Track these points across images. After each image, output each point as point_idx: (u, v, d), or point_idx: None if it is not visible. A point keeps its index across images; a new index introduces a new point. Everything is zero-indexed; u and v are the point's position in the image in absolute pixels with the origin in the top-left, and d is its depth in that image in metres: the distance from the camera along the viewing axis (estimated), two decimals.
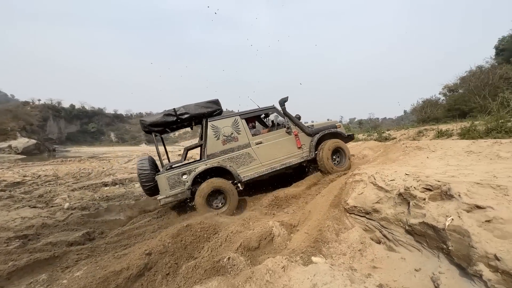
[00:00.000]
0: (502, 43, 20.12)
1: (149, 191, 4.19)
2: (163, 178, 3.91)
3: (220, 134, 4.28)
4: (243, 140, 4.40)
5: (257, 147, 4.45)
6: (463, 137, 6.29)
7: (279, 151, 4.58)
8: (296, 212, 3.52)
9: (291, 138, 4.70)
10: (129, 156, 21.53)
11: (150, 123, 4.09)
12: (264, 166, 4.44)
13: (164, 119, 4.10)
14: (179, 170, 4.02)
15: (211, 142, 4.22)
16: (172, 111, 4.14)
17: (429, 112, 18.81)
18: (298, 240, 2.89)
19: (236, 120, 4.45)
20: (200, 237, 2.80)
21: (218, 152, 4.23)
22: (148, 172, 4.12)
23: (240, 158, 4.31)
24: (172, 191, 3.92)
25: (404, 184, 2.58)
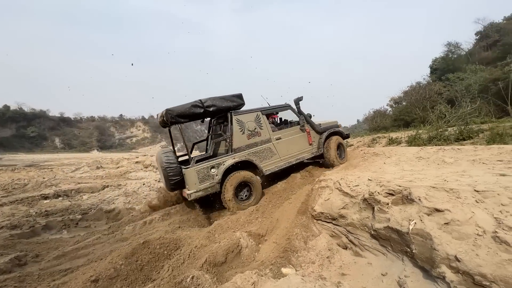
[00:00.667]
0: (435, 63, 23.28)
1: (174, 185, 3.94)
2: (193, 171, 3.81)
3: (245, 128, 4.37)
4: (265, 135, 4.57)
5: (277, 142, 4.66)
6: (410, 144, 6.96)
7: (295, 147, 4.88)
8: (264, 220, 3.40)
9: (304, 135, 5.07)
10: (77, 164, 19.19)
11: (178, 113, 3.89)
12: (282, 161, 4.66)
13: (192, 110, 3.99)
14: (207, 163, 3.97)
15: (237, 136, 4.26)
16: (199, 102, 4.05)
17: (379, 122, 20.69)
18: (267, 251, 2.78)
19: (258, 116, 4.59)
20: (160, 254, 2.50)
21: (244, 146, 4.31)
22: (175, 165, 3.91)
23: (263, 153, 4.46)
24: (202, 184, 3.86)
25: (369, 190, 2.66)
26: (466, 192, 2.06)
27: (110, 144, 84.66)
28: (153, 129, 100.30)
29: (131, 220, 4.21)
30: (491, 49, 21.08)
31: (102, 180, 10.20)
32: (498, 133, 5.36)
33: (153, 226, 3.73)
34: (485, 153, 3.45)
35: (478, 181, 2.35)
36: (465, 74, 16.83)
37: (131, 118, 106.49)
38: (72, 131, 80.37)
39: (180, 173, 3.88)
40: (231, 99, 4.31)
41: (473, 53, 22.03)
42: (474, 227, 1.73)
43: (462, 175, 2.73)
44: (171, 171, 3.86)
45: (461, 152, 3.72)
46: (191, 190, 3.78)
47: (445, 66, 21.49)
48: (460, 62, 20.72)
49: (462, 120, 7.97)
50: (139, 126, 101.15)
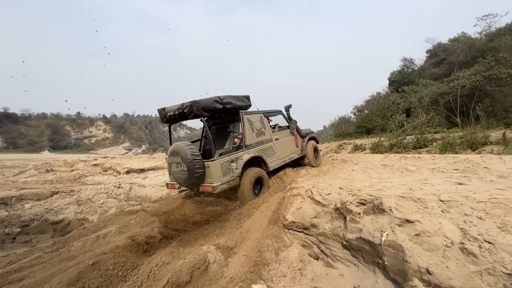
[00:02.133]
0: (393, 76, 25.35)
1: (198, 179, 3.77)
2: (218, 164, 3.84)
3: (254, 127, 4.62)
4: (267, 135, 4.90)
5: (276, 142, 5.04)
6: (374, 151, 7.33)
7: (287, 147, 5.36)
8: (233, 231, 3.21)
9: (293, 138, 5.63)
10: (21, 167, 16.89)
11: (203, 106, 3.87)
12: (280, 159, 5.02)
13: (214, 105, 4.00)
14: (229, 157, 4.03)
15: (249, 134, 4.47)
16: (219, 99, 4.10)
17: (343, 128, 21.79)
18: (236, 265, 2.59)
19: (262, 117, 4.91)
20: (113, 277, 2.17)
21: (254, 143, 4.53)
22: (200, 158, 3.79)
23: (267, 150, 4.75)
24: (225, 177, 3.89)
25: (340, 198, 2.64)
26: (432, 202, 2.12)
27: (65, 144, 76.82)
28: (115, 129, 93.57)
29: (82, 234, 3.69)
30: (438, 66, 23.58)
31: (52, 185, 9.07)
32: (449, 142, 5.88)
33: (107, 241, 3.29)
34: (442, 162, 3.69)
35: (441, 190, 2.45)
36: (418, 87, 18.55)
37: (90, 117, 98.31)
38: (18, 128, 71.40)
39: (203, 167, 3.83)
40: (242, 99, 4.55)
41: (424, 68, 24.42)
42: (442, 238, 1.75)
43: (425, 184, 2.85)
44: (197, 164, 3.74)
45: (421, 160, 3.95)
46: (216, 182, 3.77)
47: (401, 79, 23.47)
48: (413, 76, 22.80)
49: (418, 130, 8.68)
50: (99, 126, 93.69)
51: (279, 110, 5.67)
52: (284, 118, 5.70)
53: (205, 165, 3.80)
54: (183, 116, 4.03)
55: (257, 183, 4.41)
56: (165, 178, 10.05)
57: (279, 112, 5.67)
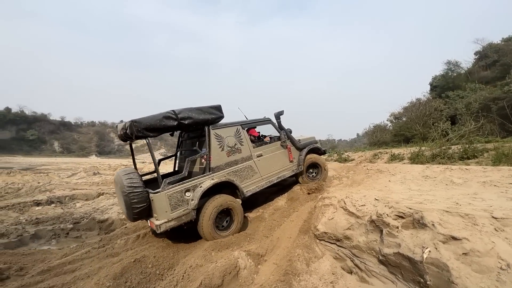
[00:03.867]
0: (435, 81, 23.52)
1: (138, 215, 3.23)
2: (163, 197, 3.17)
3: (224, 144, 3.90)
4: (245, 152, 4.13)
5: (258, 160, 4.26)
6: (413, 161, 6.83)
7: (276, 164, 4.54)
8: (263, 239, 3.22)
9: (285, 151, 4.76)
10: (73, 169, 18.95)
11: (146, 126, 3.25)
12: (264, 180, 4.26)
13: (163, 122, 3.39)
14: (181, 186, 3.37)
15: (215, 153, 3.76)
16: (173, 113, 3.48)
17: (379, 136, 20.66)
18: (266, 273, 2.60)
19: (238, 130, 4.16)
20: (151, 275, 2.33)
21: (223, 165, 3.82)
22: (141, 189, 3.21)
23: (243, 171, 4.01)
24: (175, 212, 3.22)
25: (376, 211, 2.52)
26: (483, 218, 1.92)
27: (109, 150, 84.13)
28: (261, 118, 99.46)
29: (124, 233, 4.01)
30: (490, 68, 21.34)
31: (98, 187, 9.99)
32: (504, 153, 5.25)
33: (146, 241, 3.54)
34: (495, 174, 3.32)
35: (494, 206, 2.21)
36: (465, 92, 16.95)
37: None
38: (71, 135, 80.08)
39: (146, 199, 3.21)
40: (209, 111, 3.80)
41: (473, 72, 22.28)
42: (496, 259, 1.58)
43: (474, 198, 2.60)
44: (136, 197, 3.14)
45: (469, 173, 3.59)
46: (160, 219, 3.10)
47: (444, 84, 21.69)
48: (459, 80, 20.92)
49: (465, 139, 7.89)
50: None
51: (267, 118, 4.78)
52: (274, 127, 4.78)
53: (150, 197, 3.21)
54: (128, 137, 3.43)
55: (225, 214, 3.67)
56: None
57: (267, 120, 4.76)
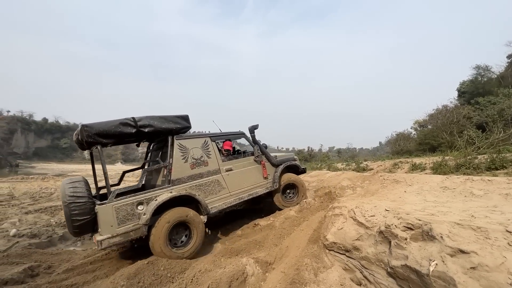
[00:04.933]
0: (463, 86, 22.28)
1: (79, 228, 2.95)
2: (110, 209, 2.89)
3: (188, 156, 3.68)
4: (213, 165, 3.89)
5: (227, 174, 4.01)
6: (436, 171, 6.51)
7: (248, 180, 4.27)
8: (272, 247, 3.25)
9: (259, 167, 4.49)
10: (101, 176, 20.14)
11: (98, 131, 3.03)
12: (232, 196, 3.99)
13: (119, 129, 3.18)
14: (133, 198, 3.10)
15: (178, 165, 3.54)
16: (131, 120, 3.30)
17: (402, 145, 19.82)
18: (273, 281, 2.62)
19: (206, 142, 3.95)
20: (163, 277, 2.46)
21: (186, 177, 3.57)
22: (85, 200, 2.92)
23: (209, 186, 3.75)
24: (122, 227, 2.93)
25: (385, 222, 2.48)
26: (497, 232, 1.84)
27: (133, 157, 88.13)
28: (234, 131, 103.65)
29: None
30: None
31: None
32: None
33: None
34: None
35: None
36: (497, 98, 15.88)
37: None
38: None
39: (91, 211, 2.93)
40: (174, 120, 3.62)
41: (506, 76, 20.84)
42: (506, 275, 1.51)
43: (492, 211, 2.46)
44: (77, 208, 2.86)
45: (492, 184, 3.39)
46: (104, 234, 2.82)
47: (474, 90, 20.50)
48: (490, 85, 19.67)
49: (493, 148, 7.38)
50: None
51: (240, 132, 4.63)
52: (248, 141, 4.61)
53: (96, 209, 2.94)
54: (82, 144, 3.24)
55: (182, 230, 3.38)
56: None
57: (241, 134, 4.62)
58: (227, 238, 3.90)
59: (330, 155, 34.89)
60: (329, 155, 33.39)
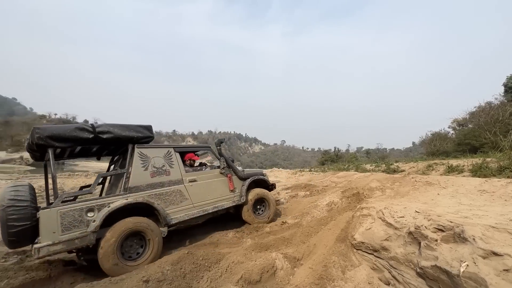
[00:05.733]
0: (510, 81, 20.22)
1: (16, 237, 2.60)
2: (54, 213, 2.70)
3: (149, 164, 3.61)
4: (175, 175, 3.83)
5: (190, 185, 3.93)
6: (475, 174, 6.11)
7: (213, 192, 4.21)
8: (300, 244, 3.38)
9: (225, 180, 4.47)
10: None
11: (50, 134, 2.90)
12: (196, 208, 3.89)
13: (74, 133, 3.05)
14: (83, 204, 2.94)
15: (137, 172, 3.45)
16: (89, 126, 3.22)
17: (438, 145, 18.56)
18: (301, 276, 2.75)
19: (170, 152, 3.91)
20: (201, 266, 2.71)
21: (144, 186, 3.47)
22: (26, 204, 2.68)
23: (170, 196, 3.64)
24: (66, 234, 2.72)
25: (415, 223, 2.49)
26: None
27: None
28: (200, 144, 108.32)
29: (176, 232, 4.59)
30: None
31: None
32: None
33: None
34: None
35: None
36: None
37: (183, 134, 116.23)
38: None
39: (32, 217, 2.65)
40: (136, 129, 3.58)
41: None
42: None
43: None
44: (16, 213, 2.57)
45: None
46: (43, 241, 2.60)
47: None
48: None
49: None
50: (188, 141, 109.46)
51: (206, 146, 4.80)
52: (214, 155, 4.63)
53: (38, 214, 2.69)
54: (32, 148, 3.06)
55: (137, 240, 3.16)
56: None
57: (206, 148, 4.75)
58: (257, 234, 4.10)
59: (358, 156, 33.70)
60: (357, 155, 32.27)
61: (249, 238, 3.89)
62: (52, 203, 2.82)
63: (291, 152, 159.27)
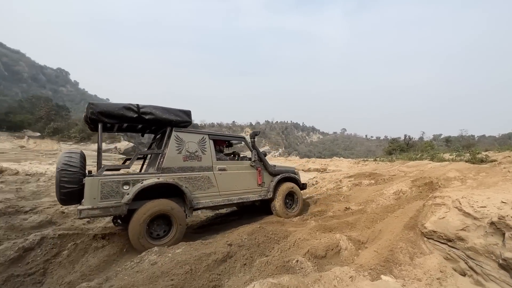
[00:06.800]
0: None
1: (66, 196, 3.13)
2: (96, 181, 3.02)
3: (183, 148, 3.76)
4: (206, 161, 3.93)
5: (219, 173, 4.01)
6: None
7: (240, 184, 4.26)
8: (365, 229, 3.46)
9: (254, 173, 4.48)
10: None
11: (101, 110, 3.24)
12: (221, 196, 3.98)
13: (121, 112, 3.37)
14: (121, 176, 3.23)
15: (171, 155, 3.62)
16: (135, 106, 3.48)
17: None
18: (366, 257, 2.88)
19: (204, 139, 4.01)
20: (271, 239, 3.12)
21: (176, 168, 3.62)
22: (76, 170, 3.16)
23: (198, 181, 3.76)
24: (103, 202, 3.03)
25: (499, 213, 2.32)
26: None
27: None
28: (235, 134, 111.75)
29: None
30: None
31: None
32: None
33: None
34: None
35: None
36: None
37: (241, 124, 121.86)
38: None
39: (79, 182, 3.11)
40: (176, 113, 3.74)
41: None
42: None
43: None
44: (67, 176, 3.08)
45: None
46: (85, 205, 2.94)
47: None
48: None
49: None
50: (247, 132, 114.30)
51: (241, 136, 4.73)
52: (248, 146, 4.58)
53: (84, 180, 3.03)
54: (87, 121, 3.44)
55: (165, 222, 3.39)
56: None
57: (241, 138, 4.69)
58: (320, 218, 4.32)
59: (435, 144, 29.38)
60: (434, 144, 28.18)
61: (313, 220, 4.15)
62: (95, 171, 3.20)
63: (352, 141, 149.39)
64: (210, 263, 2.45)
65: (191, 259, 2.44)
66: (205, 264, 2.41)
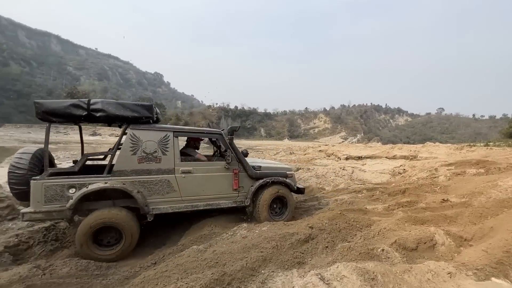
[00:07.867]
0: None
1: (18, 196, 3.22)
2: (39, 185, 2.92)
3: (139, 148, 3.36)
4: (167, 163, 3.49)
5: (182, 176, 3.54)
6: None
7: (209, 188, 3.73)
8: (469, 225, 3.00)
9: (229, 175, 3.85)
10: (276, 150, 24.93)
11: (47, 109, 3.08)
12: (184, 202, 3.56)
13: (68, 110, 3.13)
14: (66, 180, 3.03)
15: (123, 155, 3.30)
16: (84, 103, 3.20)
17: None
18: (471, 256, 2.52)
19: (167, 137, 3.52)
20: (353, 226, 3.09)
21: (129, 171, 3.29)
22: (23, 172, 3.09)
23: (156, 185, 3.40)
24: (47, 206, 2.94)
25: None
26: None
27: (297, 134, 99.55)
28: (333, 120, 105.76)
29: (324, 197, 5.21)
30: None
31: (295, 164, 12.60)
32: None
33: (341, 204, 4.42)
34: None
35: None
36: None
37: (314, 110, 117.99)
38: (271, 123, 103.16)
39: (27, 183, 2.99)
40: (134, 108, 3.33)
41: None
42: None
43: None
44: (13, 177, 3.07)
45: None
46: (29, 208, 2.91)
47: None
48: None
49: None
50: (320, 118, 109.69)
51: (218, 131, 3.96)
52: (223, 144, 3.94)
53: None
54: None
55: (115, 230, 3.09)
56: (383, 166, 10.27)
57: (217, 134, 3.96)
58: (409, 209, 3.95)
59: None
60: None
61: (400, 211, 3.83)
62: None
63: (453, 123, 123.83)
64: (294, 241, 2.65)
65: (276, 236, 2.72)
66: (289, 242, 2.64)
